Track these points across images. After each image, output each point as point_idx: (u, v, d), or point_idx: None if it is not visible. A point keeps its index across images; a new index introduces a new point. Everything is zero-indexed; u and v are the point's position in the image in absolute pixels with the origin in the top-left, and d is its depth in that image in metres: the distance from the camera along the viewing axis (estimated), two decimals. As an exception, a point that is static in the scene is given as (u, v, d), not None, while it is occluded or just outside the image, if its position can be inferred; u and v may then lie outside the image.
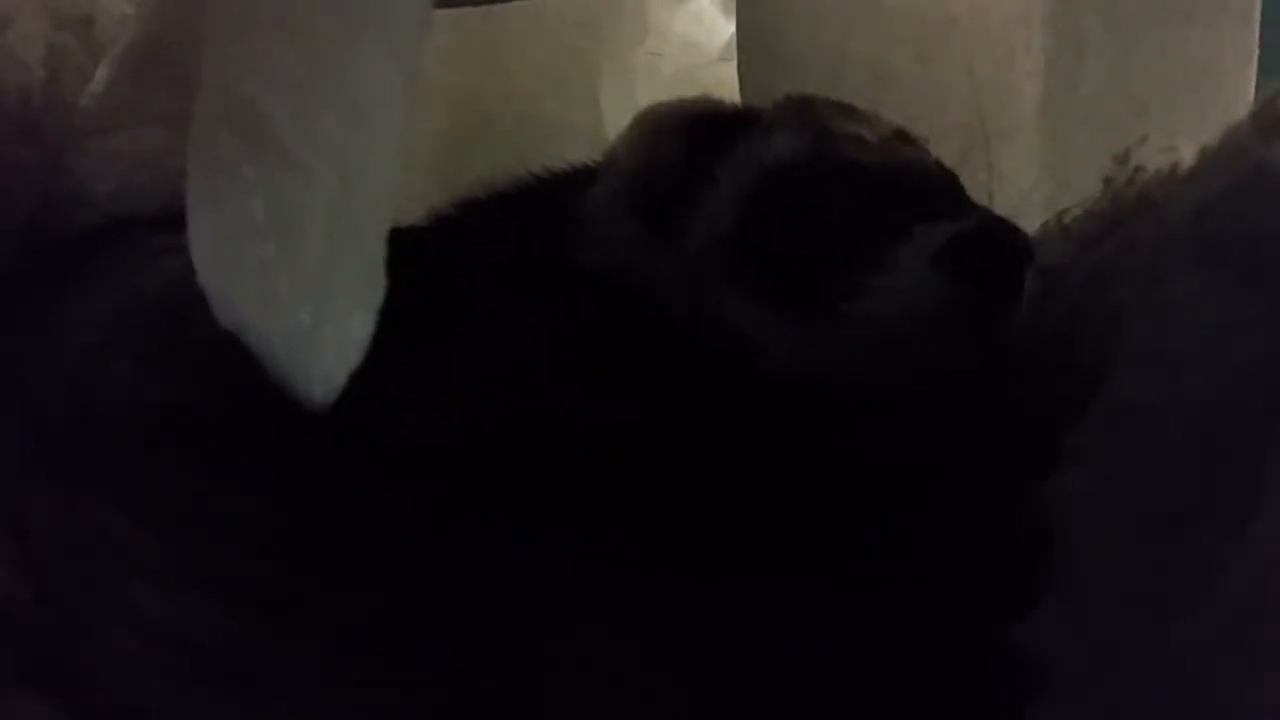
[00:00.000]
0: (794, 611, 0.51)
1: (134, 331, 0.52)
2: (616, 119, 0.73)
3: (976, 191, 0.62)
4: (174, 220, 0.47)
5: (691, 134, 0.61)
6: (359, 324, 0.42)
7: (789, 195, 0.58)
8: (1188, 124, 0.66)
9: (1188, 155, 0.56)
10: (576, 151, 0.70)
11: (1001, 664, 0.45)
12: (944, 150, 0.62)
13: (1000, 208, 0.62)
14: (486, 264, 0.61)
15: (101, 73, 0.58)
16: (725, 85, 0.76)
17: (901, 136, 0.61)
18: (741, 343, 0.57)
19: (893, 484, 0.54)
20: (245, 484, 0.49)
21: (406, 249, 0.64)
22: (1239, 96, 0.67)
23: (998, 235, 0.55)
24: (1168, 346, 0.42)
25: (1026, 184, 0.69)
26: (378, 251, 0.43)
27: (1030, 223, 0.67)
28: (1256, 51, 0.68)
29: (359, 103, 0.41)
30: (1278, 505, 0.36)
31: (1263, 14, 0.68)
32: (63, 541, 0.47)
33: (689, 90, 0.79)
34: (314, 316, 0.42)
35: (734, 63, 0.79)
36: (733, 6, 0.75)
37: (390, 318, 0.48)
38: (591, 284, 0.59)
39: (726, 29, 0.82)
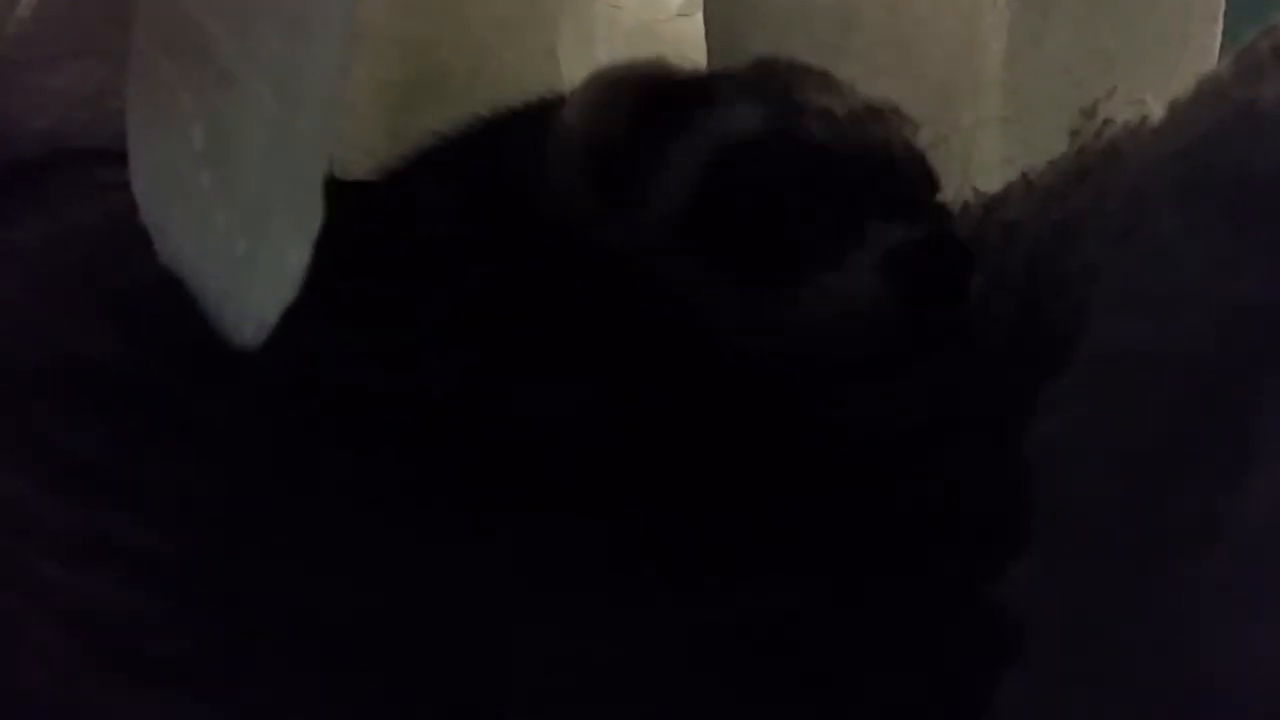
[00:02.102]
0: (764, 574, 0.50)
1: (61, 272, 0.49)
2: (575, 72, 0.71)
3: (939, 149, 0.61)
4: (121, 156, 0.44)
5: (642, 103, 0.59)
6: (295, 254, 0.40)
7: (748, 172, 0.57)
8: (1153, 79, 0.65)
9: (1156, 109, 0.55)
10: (533, 105, 0.68)
11: (976, 624, 0.44)
12: (910, 102, 0.61)
13: (963, 162, 0.61)
14: (441, 214, 0.59)
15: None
16: (686, 40, 0.75)
17: (873, 111, 0.60)
18: (693, 308, 0.56)
19: (865, 446, 0.53)
20: (167, 450, 0.46)
21: (360, 202, 0.62)
22: (1205, 51, 0.67)
23: (944, 247, 0.55)
24: (1153, 289, 0.41)
25: (990, 139, 0.68)
26: (317, 177, 0.41)
27: (995, 178, 0.66)
28: (1223, 4, 0.67)
29: (301, 16, 0.39)
30: (1275, 446, 0.35)
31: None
32: None
33: (648, 45, 0.77)
34: (250, 245, 0.40)
35: (694, 18, 0.77)
36: (694, -40, 0.73)
37: (341, 271, 0.46)
38: (548, 234, 0.57)
39: (687, -18, 0.81)
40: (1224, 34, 0.68)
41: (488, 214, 0.59)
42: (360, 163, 0.66)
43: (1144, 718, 0.38)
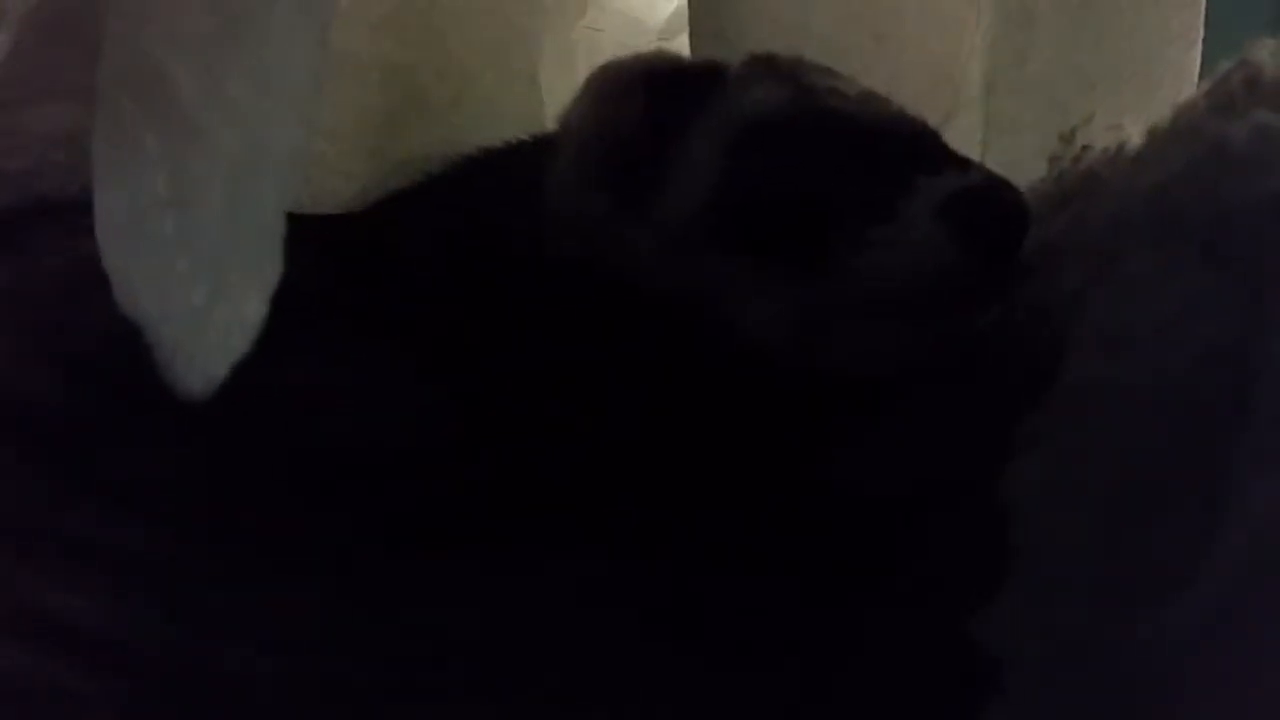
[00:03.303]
0: (751, 609, 0.49)
1: (21, 315, 0.48)
2: (556, 96, 0.71)
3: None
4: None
5: (652, 91, 0.57)
6: (253, 307, 0.39)
7: (777, 146, 0.55)
8: (1134, 102, 0.65)
9: (1135, 134, 0.55)
10: (515, 129, 0.67)
11: (957, 661, 0.43)
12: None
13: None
14: (434, 252, 0.57)
15: (3, 39, 0.55)
16: (668, 62, 0.74)
17: (878, 95, 0.59)
18: (727, 324, 0.54)
19: (851, 480, 0.53)
20: (111, 505, 0.44)
21: (346, 237, 0.61)
22: (1185, 74, 0.67)
23: (1002, 192, 0.54)
24: (1128, 326, 0.41)
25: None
26: (278, 228, 0.40)
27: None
28: (1202, 29, 0.67)
29: (268, 65, 0.38)
30: (1252, 488, 0.35)
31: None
32: None
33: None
34: (208, 297, 0.39)
35: (676, 40, 0.77)
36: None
37: (323, 311, 0.45)
38: (550, 269, 0.56)
39: (668, 5, 0.80)
40: (1204, 55, 0.69)
41: (471, 251, 0.58)
42: (341, 189, 0.65)
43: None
